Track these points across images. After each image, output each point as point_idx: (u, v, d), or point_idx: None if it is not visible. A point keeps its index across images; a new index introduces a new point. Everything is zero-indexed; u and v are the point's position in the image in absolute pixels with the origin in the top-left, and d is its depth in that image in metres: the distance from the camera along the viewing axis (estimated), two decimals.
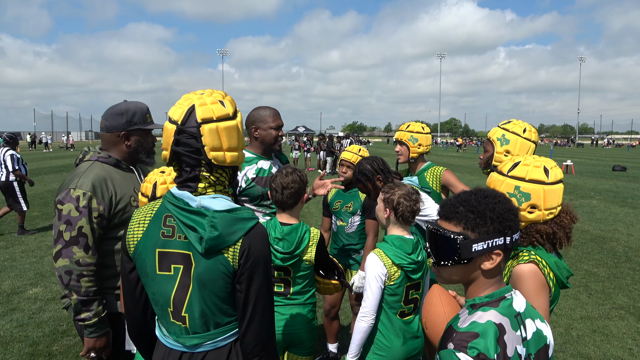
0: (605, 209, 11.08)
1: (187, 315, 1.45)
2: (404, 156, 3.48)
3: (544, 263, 1.67)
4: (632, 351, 4.01)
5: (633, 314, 4.81)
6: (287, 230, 2.33)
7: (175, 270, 1.44)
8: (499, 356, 1.14)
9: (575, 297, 5.30)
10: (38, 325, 4.45)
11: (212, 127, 1.41)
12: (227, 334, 1.48)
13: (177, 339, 1.48)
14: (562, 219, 1.75)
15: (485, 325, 1.17)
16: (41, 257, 6.79)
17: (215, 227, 1.39)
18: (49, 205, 11.20)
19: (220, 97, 1.49)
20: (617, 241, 7.94)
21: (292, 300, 2.38)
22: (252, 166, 2.92)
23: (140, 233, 1.49)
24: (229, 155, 1.45)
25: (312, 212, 10.44)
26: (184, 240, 1.43)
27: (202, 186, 1.46)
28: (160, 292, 1.47)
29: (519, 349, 1.19)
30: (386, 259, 2.20)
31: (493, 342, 1.14)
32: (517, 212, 1.27)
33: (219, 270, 1.41)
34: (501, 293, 1.25)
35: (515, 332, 1.20)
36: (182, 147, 1.43)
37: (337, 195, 3.65)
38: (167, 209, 1.47)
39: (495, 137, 2.55)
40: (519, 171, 1.74)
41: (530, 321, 1.26)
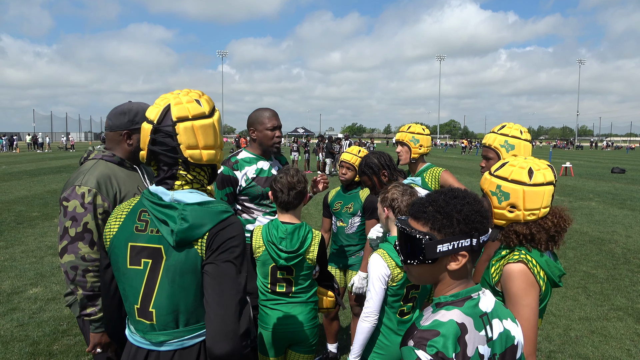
0: (604, 211, 11.11)
1: (155, 311, 1.44)
2: (404, 157, 3.50)
3: (534, 262, 1.69)
4: (630, 352, 4.03)
5: (631, 315, 4.83)
6: (290, 229, 2.35)
7: (144, 265, 1.45)
8: (457, 355, 1.15)
9: (574, 298, 5.32)
10: (38, 325, 4.46)
11: (187, 125, 1.43)
12: (196, 333, 1.46)
13: (143, 336, 1.48)
14: (547, 221, 1.74)
15: (446, 324, 1.17)
16: (41, 257, 6.79)
17: (186, 219, 1.40)
18: (48, 206, 11.21)
19: (196, 96, 1.50)
20: (615, 243, 7.96)
21: (294, 299, 2.40)
22: (252, 166, 2.96)
23: (116, 228, 1.51)
24: (206, 154, 1.47)
25: (311, 213, 10.45)
26: (156, 234, 1.45)
27: (179, 184, 1.48)
28: (130, 287, 1.47)
29: (480, 349, 1.19)
30: (390, 260, 2.21)
31: (452, 341, 1.15)
32: (486, 214, 1.25)
33: (190, 263, 1.42)
34: (467, 293, 1.25)
35: (478, 332, 1.20)
36: (158, 146, 1.45)
37: (337, 196, 3.66)
38: (143, 204, 1.49)
39: (498, 144, 2.57)
40: (503, 171, 1.79)
41: (498, 321, 1.25)
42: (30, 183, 16.02)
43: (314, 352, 2.51)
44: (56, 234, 8.20)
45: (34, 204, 11.50)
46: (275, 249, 2.33)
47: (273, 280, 2.40)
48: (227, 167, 2.95)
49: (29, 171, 20.88)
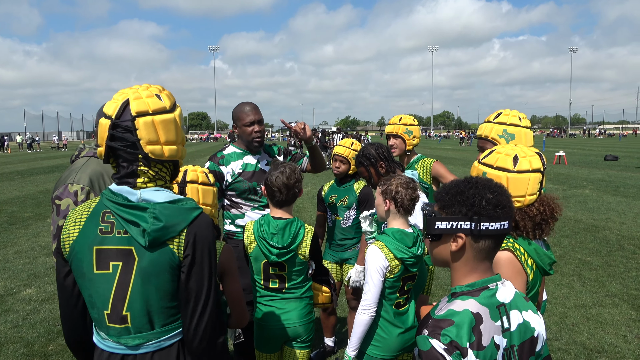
0: (597, 199, 11.17)
1: (129, 314, 1.40)
2: (399, 149, 3.48)
3: (521, 250, 1.68)
4: (626, 338, 4.05)
5: (626, 302, 4.86)
6: (281, 224, 2.32)
7: (114, 268, 1.40)
8: (472, 345, 1.14)
9: (570, 285, 5.34)
10: (33, 326, 4.43)
11: (147, 120, 1.39)
12: (172, 333, 1.45)
13: (117, 340, 1.43)
14: (532, 209, 1.73)
15: (461, 313, 1.17)
16: (34, 257, 6.74)
17: (158, 218, 1.37)
18: (41, 206, 11.12)
19: (156, 90, 1.46)
20: (609, 230, 8.01)
21: (288, 295, 2.38)
22: (238, 161, 2.95)
23: (75, 232, 1.43)
24: (167, 149, 1.43)
25: (306, 207, 10.44)
26: (124, 236, 1.40)
27: (141, 181, 1.43)
28: (98, 293, 1.41)
29: (496, 339, 1.18)
30: (388, 252, 2.19)
31: (467, 331, 1.15)
32: (501, 204, 1.22)
33: (164, 262, 1.39)
34: (484, 283, 1.24)
35: (494, 323, 1.19)
36: (117, 141, 1.40)
37: (331, 190, 3.64)
38: (105, 205, 1.43)
39: (496, 135, 2.37)
40: (490, 158, 1.79)
41: (517, 312, 1.25)
42: (22, 183, 15.90)
43: (311, 347, 2.50)
44: (49, 234, 8.13)
45: (26, 204, 11.41)
46: (266, 245, 2.30)
47: (266, 277, 2.37)
48: (213, 162, 2.94)
49: (21, 171, 20.72)
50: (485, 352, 1.15)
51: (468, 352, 1.13)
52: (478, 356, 1.14)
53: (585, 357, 3.74)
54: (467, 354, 1.13)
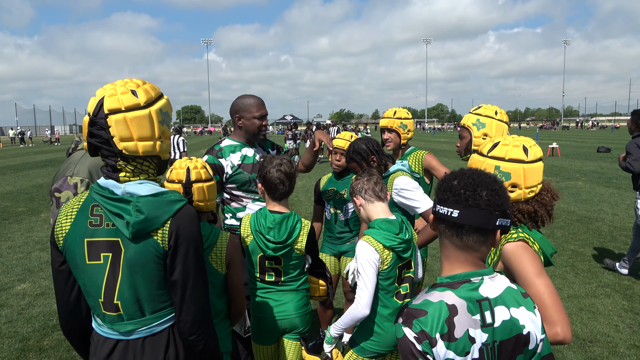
0: (590, 190, 11.25)
1: (120, 303, 1.46)
2: (393, 143, 3.48)
3: (532, 240, 1.69)
4: (618, 327, 4.10)
5: (618, 292, 4.91)
6: (278, 218, 2.32)
7: (104, 259, 1.46)
8: (443, 336, 1.16)
9: (562, 276, 5.39)
10: (28, 321, 4.42)
11: (119, 117, 1.41)
12: (163, 318, 1.51)
13: (111, 327, 1.50)
14: (543, 197, 1.77)
15: (435, 304, 1.19)
16: (28, 252, 6.71)
17: (141, 210, 1.41)
18: (34, 201, 11.05)
19: (134, 86, 1.47)
20: (602, 221, 8.08)
21: (284, 287, 2.38)
22: (236, 153, 2.93)
23: (67, 225, 1.49)
24: (141, 145, 1.44)
25: (301, 200, 10.44)
26: (112, 228, 1.45)
27: (123, 175, 1.47)
28: (91, 282, 1.48)
29: (472, 332, 1.18)
30: (376, 243, 2.19)
31: (438, 322, 1.16)
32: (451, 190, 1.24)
33: (149, 253, 1.44)
34: (467, 276, 1.24)
35: (471, 316, 1.19)
36: (94, 138, 1.44)
37: (329, 183, 3.63)
38: (94, 198, 1.48)
39: (470, 122, 2.61)
40: (498, 151, 1.78)
41: (504, 308, 1.23)
42: (14, 178, 15.78)
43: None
44: (43, 229, 8.10)
45: (19, 199, 11.34)
46: (262, 239, 2.30)
47: (261, 270, 2.37)
48: (211, 155, 2.91)
49: (14, 166, 20.55)
50: (457, 344, 1.16)
51: (437, 342, 1.16)
52: (449, 347, 1.16)
53: (578, 346, 3.78)
54: (437, 344, 1.16)
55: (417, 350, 1.16)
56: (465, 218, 1.22)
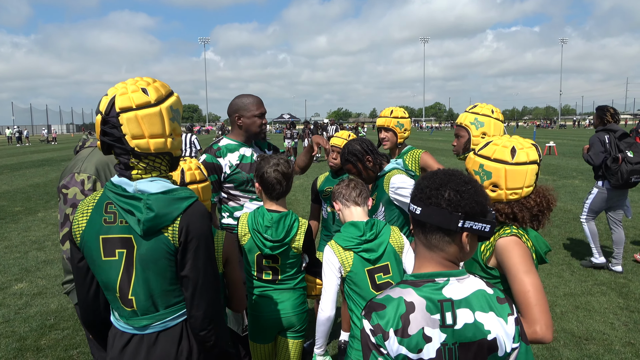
0: (587, 189, 11.28)
1: (134, 298, 1.50)
2: (390, 142, 3.49)
3: (526, 237, 1.70)
4: (614, 325, 4.13)
5: (614, 290, 4.94)
6: (276, 217, 2.32)
7: (119, 255, 1.50)
8: (397, 331, 1.18)
9: (559, 275, 5.42)
10: (25, 320, 4.41)
11: (130, 115, 1.44)
12: (177, 313, 1.54)
13: (127, 322, 1.54)
14: (529, 201, 1.74)
15: (394, 300, 1.21)
16: (25, 252, 6.69)
17: (151, 208, 1.44)
18: (31, 200, 11.02)
19: (144, 84, 1.49)
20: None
21: (282, 285, 2.39)
22: (235, 153, 2.93)
23: (84, 222, 1.53)
24: (153, 142, 1.47)
25: (298, 199, 10.45)
26: (125, 225, 1.49)
27: (135, 173, 1.50)
28: (108, 277, 1.52)
29: (428, 331, 1.19)
30: (336, 246, 2.20)
31: (394, 317, 1.19)
32: (418, 188, 1.29)
33: (161, 249, 1.47)
34: (431, 276, 1.25)
35: (430, 315, 1.19)
36: (107, 137, 1.47)
37: (326, 182, 3.64)
38: (108, 196, 1.52)
39: (468, 121, 2.62)
40: (487, 150, 1.80)
41: (467, 311, 1.21)
42: (11, 177, 15.73)
43: (304, 337, 2.52)
44: (40, 229, 8.09)
45: (16, 198, 11.31)
46: (260, 238, 2.31)
47: (259, 269, 2.38)
48: (209, 154, 2.91)
49: (10, 165, 20.48)
50: (409, 340, 1.17)
51: (389, 336, 1.18)
52: (402, 343, 1.18)
53: (574, 344, 3.80)
54: (389, 337, 1.18)
55: (371, 342, 1.20)
56: (425, 216, 1.25)
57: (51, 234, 7.69)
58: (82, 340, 3.97)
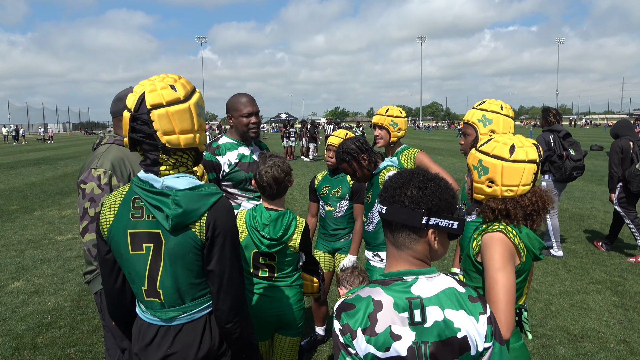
0: (583, 188, 11.34)
1: (162, 291, 1.54)
2: (384, 140, 3.50)
3: (514, 233, 1.70)
4: (609, 323, 4.15)
5: (609, 288, 4.97)
6: (274, 215, 2.33)
7: (147, 249, 1.53)
8: (365, 330, 1.18)
9: (555, 273, 5.45)
10: (22, 319, 4.41)
11: (161, 112, 1.47)
12: (202, 305, 1.58)
13: (154, 314, 1.58)
14: (524, 199, 1.74)
15: (363, 299, 1.22)
16: (22, 250, 6.68)
17: (179, 204, 1.47)
18: (28, 199, 10.99)
19: (172, 81, 1.52)
20: (594, 218, 8.15)
21: (278, 283, 2.40)
22: (234, 152, 2.94)
23: (111, 217, 1.57)
24: (183, 138, 1.51)
25: (296, 198, 10.45)
26: (153, 220, 1.52)
27: (164, 168, 1.54)
28: (135, 271, 1.56)
29: (396, 329, 1.18)
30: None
31: (362, 316, 1.20)
32: (388, 189, 1.31)
33: (188, 244, 1.50)
34: (400, 274, 1.25)
35: (397, 313, 1.19)
36: (137, 133, 1.50)
37: (324, 180, 3.65)
38: (135, 192, 1.55)
39: (476, 119, 2.49)
40: (487, 146, 1.80)
41: (437, 309, 1.21)
42: (7, 176, 15.67)
43: (301, 334, 2.53)
44: (36, 227, 8.08)
45: (12, 197, 11.27)
46: (257, 235, 2.32)
47: (255, 266, 2.39)
48: (208, 152, 2.92)
49: (6, 164, 20.40)
50: (377, 339, 1.18)
51: (357, 335, 1.19)
52: (369, 341, 1.18)
53: (569, 342, 3.83)
54: (356, 336, 1.19)
55: (340, 342, 1.21)
56: (390, 214, 1.26)
57: (48, 233, 7.68)
58: (79, 339, 3.97)
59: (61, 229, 7.98)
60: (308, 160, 20.00)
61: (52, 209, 9.77)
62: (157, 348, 1.56)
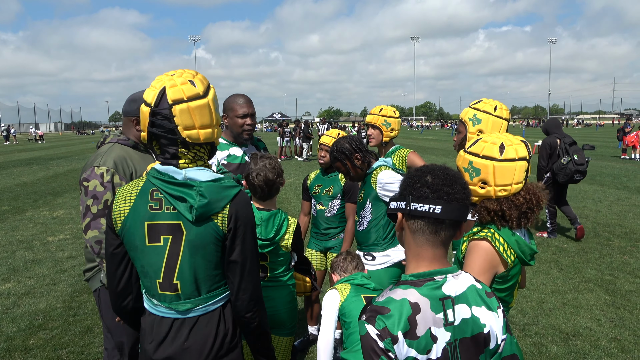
0: (574, 187, 11.40)
1: (179, 282, 1.54)
2: (376, 140, 3.51)
3: (501, 241, 1.69)
4: (600, 321, 4.19)
5: (601, 287, 5.01)
6: (265, 215, 2.33)
7: (164, 241, 1.53)
8: (405, 333, 1.16)
9: (547, 272, 5.48)
10: (12, 321, 4.37)
11: (183, 107, 1.49)
12: (218, 297, 1.59)
13: (169, 306, 1.56)
14: (518, 198, 1.74)
15: (398, 302, 1.18)
16: (13, 251, 6.62)
17: (204, 195, 1.49)
18: (19, 199, 10.89)
19: (190, 76, 1.55)
20: (586, 217, 8.21)
21: (270, 283, 2.39)
22: (223, 152, 2.93)
23: (127, 209, 1.56)
24: (203, 133, 1.53)
25: (290, 198, 10.44)
26: (173, 212, 1.53)
27: (182, 162, 1.55)
28: (150, 263, 1.55)
29: (434, 331, 1.18)
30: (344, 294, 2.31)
31: (400, 319, 1.16)
32: (431, 186, 1.24)
33: (210, 235, 1.52)
34: (430, 274, 1.23)
35: (434, 314, 1.19)
36: (157, 128, 1.51)
37: (316, 179, 3.66)
38: (153, 183, 1.55)
39: (467, 117, 2.52)
40: (476, 147, 1.80)
41: (465, 307, 1.22)
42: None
43: (294, 334, 2.53)
44: (27, 228, 8.01)
45: (3, 197, 11.16)
46: None
47: None
48: None
49: None
50: (419, 342, 1.16)
51: (399, 339, 1.15)
52: (411, 345, 1.15)
53: (561, 340, 3.85)
54: (398, 341, 1.15)
55: (379, 347, 1.15)
56: (447, 213, 1.22)
57: (39, 234, 7.61)
58: (71, 340, 3.94)
59: (53, 229, 7.91)
60: (302, 160, 20.01)
61: (44, 209, 9.69)
62: (172, 341, 1.56)
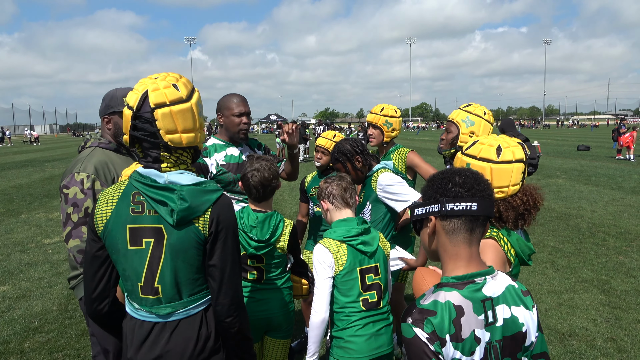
0: (570, 188, 11.47)
1: (160, 286, 1.53)
2: (376, 139, 3.50)
3: (505, 240, 1.71)
4: (596, 321, 4.21)
5: (597, 287, 5.03)
6: (261, 217, 2.33)
7: (146, 244, 1.52)
8: (452, 336, 1.17)
9: (543, 272, 5.50)
10: (8, 324, 4.34)
11: (165, 111, 1.47)
12: (199, 301, 1.58)
13: (150, 310, 1.55)
14: (515, 199, 1.75)
15: (443, 305, 1.20)
16: (8, 254, 6.58)
17: (185, 199, 1.48)
18: (14, 202, 10.83)
19: (174, 80, 1.53)
20: (581, 218, 8.25)
21: (267, 285, 2.39)
22: (221, 153, 2.91)
23: (109, 212, 1.55)
24: (185, 137, 1.52)
25: (286, 199, 10.43)
26: (154, 215, 1.52)
27: (165, 166, 1.54)
28: (132, 267, 1.54)
29: (477, 333, 1.20)
30: (329, 242, 2.14)
31: (447, 322, 1.18)
32: (464, 185, 1.25)
33: (191, 239, 1.51)
34: (472, 276, 1.24)
35: (476, 316, 1.21)
36: (139, 131, 1.50)
37: (313, 181, 3.65)
38: (135, 187, 1.54)
39: (460, 118, 2.65)
40: (473, 149, 1.80)
41: (505, 307, 1.25)
42: None
43: (291, 336, 2.52)
44: (23, 231, 7.96)
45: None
46: (245, 237, 2.30)
47: (243, 268, 2.37)
48: None
49: None
50: (464, 344, 1.18)
51: (447, 342, 1.16)
52: (457, 347, 1.17)
53: (558, 340, 3.87)
54: (446, 344, 1.16)
55: (430, 350, 1.16)
56: (483, 209, 1.24)
57: (34, 236, 7.57)
58: (67, 343, 3.92)
59: (48, 232, 7.88)
60: None
61: (39, 211, 9.65)
62: (152, 345, 1.54)
